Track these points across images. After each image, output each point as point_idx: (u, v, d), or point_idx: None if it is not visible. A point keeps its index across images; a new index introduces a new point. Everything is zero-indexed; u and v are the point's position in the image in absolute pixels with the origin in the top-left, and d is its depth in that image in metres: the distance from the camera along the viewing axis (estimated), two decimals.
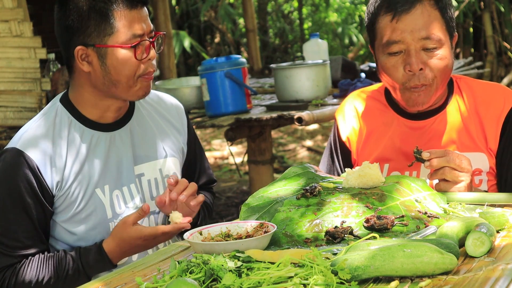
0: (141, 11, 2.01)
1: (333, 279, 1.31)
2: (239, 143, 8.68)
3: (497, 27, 10.29)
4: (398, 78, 2.05)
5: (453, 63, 2.07)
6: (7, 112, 4.26)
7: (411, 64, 2.01)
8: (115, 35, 1.98)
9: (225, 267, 1.39)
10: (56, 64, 4.44)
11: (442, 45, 2.02)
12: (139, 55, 2.00)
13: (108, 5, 1.97)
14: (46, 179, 1.99)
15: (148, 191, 2.15)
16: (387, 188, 1.78)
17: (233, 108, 3.88)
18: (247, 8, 7.57)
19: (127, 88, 2.02)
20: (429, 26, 2.00)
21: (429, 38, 2.00)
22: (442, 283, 1.31)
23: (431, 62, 2.02)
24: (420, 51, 2.01)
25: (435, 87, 2.05)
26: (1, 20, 4.21)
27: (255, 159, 4.36)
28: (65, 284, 1.99)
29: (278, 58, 12.24)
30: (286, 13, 13.41)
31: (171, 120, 2.26)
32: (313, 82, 3.93)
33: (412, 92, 2.05)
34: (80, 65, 2.01)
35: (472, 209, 1.75)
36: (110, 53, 1.99)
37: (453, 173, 1.85)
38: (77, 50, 2.00)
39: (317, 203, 1.74)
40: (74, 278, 1.99)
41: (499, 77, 10.22)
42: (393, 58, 2.04)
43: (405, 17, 2.00)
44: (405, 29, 2.00)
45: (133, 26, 1.99)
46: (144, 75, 2.02)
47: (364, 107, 2.24)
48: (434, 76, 2.03)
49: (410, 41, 2.01)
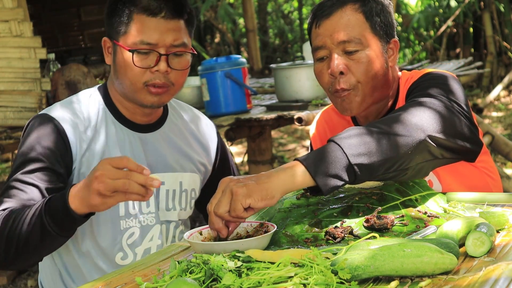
0: (164, 21, 1.98)
1: (333, 279, 1.31)
2: (239, 143, 8.68)
3: (497, 27, 10.29)
4: (324, 83, 2.05)
5: (388, 68, 2.04)
6: (7, 112, 4.26)
7: (331, 67, 2.00)
8: (126, 36, 1.99)
9: (225, 267, 1.39)
10: (56, 64, 4.44)
11: (364, 47, 1.99)
12: (141, 63, 1.98)
13: (130, 6, 1.99)
14: (72, 147, 1.99)
15: (165, 200, 2.14)
16: (387, 188, 1.78)
17: (233, 108, 3.89)
18: (247, 8, 7.58)
19: (133, 92, 2.03)
20: (347, 29, 1.99)
21: (348, 41, 1.98)
22: (442, 283, 1.31)
23: (353, 66, 1.99)
24: (342, 55, 2.00)
25: (362, 92, 2.01)
26: (1, 20, 4.21)
27: (255, 159, 4.37)
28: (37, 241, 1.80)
29: (278, 58, 12.25)
30: (286, 13, 13.41)
31: (200, 139, 2.26)
32: (313, 82, 3.93)
33: (337, 98, 2.04)
34: (105, 55, 2.07)
35: (472, 209, 1.75)
36: (119, 51, 2.01)
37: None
38: (104, 40, 2.06)
39: (317, 203, 1.75)
40: (38, 225, 1.77)
41: (499, 77, 10.22)
42: (320, 63, 2.05)
43: (325, 22, 2.01)
44: (325, 33, 2.01)
45: (146, 32, 1.97)
46: (150, 85, 2.00)
47: (332, 123, 2.26)
48: (357, 81, 2.00)
49: (330, 45, 2.00)
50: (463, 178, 2.03)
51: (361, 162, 1.60)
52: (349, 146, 1.61)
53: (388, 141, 1.65)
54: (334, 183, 1.59)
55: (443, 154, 1.79)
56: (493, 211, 1.65)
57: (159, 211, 2.12)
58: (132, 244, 2.08)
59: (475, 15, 10.43)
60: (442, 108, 1.79)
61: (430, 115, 1.76)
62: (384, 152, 1.64)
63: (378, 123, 1.70)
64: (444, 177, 2.02)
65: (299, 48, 12.31)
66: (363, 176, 1.63)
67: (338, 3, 2.02)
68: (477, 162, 2.00)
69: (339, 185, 1.60)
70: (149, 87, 2.00)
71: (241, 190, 1.54)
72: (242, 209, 1.54)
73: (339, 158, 1.59)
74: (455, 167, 1.98)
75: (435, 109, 1.78)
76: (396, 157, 1.66)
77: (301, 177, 1.58)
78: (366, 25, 2.00)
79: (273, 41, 13.01)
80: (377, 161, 1.63)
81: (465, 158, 1.92)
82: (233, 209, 1.54)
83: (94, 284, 1.53)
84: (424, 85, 1.94)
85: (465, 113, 1.86)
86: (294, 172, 1.59)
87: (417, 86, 1.96)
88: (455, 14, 10.16)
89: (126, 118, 2.10)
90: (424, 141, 1.71)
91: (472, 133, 1.86)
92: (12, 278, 4.80)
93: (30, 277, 4.80)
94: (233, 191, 1.54)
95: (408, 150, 1.67)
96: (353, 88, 2.00)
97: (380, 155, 1.63)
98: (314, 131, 2.32)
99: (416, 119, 1.72)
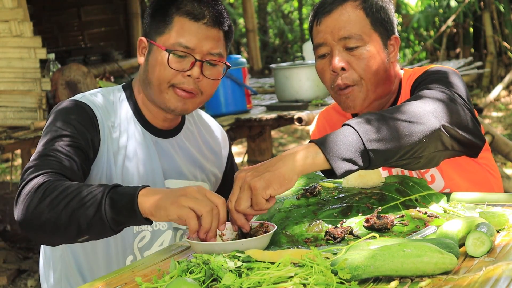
0: (205, 27, 1.97)
1: (333, 279, 1.31)
2: (239, 143, 8.68)
3: (497, 27, 10.29)
4: (326, 80, 2.06)
5: (389, 64, 2.05)
6: (7, 112, 4.26)
7: (332, 63, 2.01)
8: (165, 36, 1.98)
9: (225, 267, 1.39)
10: (56, 64, 4.44)
11: (365, 43, 2.00)
12: (175, 65, 1.96)
13: (173, 8, 1.98)
14: (100, 133, 1.99)
15: None
16: (387, 188, 1.78)
17: (233, 108, 3.89)
18: (247, 8, 7.58)
19: (158, 92, 2.01)
20: (349, 26, 2.00)
21: (349, 37, 2.00)
22: (442, 283, 1.31)
23: (354, 62, 2.01)
24: (343, 51, 2.01)
25: (365, 89, 2.02)
26: (1, 20, 4.21)
27: (255, 159, 4.37)
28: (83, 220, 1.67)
29: (278, 58, 12.25)
30: (286, 13, 13.41)
31: (213, 147, 2.26)
32: (313, 82, 3.93)
33: (340, 96, 2.04)
34: (138, 55, 2.07)
35: (472, 208, 1.75)
36: (154, 50, 2.00)
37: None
38: (140, 39, 2.05)
39: (317, 203, 1.75)
40: (94, 216, 1.66)
41: (499, 77, 10.22)
42: (322, 61, 2.06)
43: (325, 19, 2.03)
44: (326, 30, 2.03)
45: (185, 35, 1.97)
46: (177, 88, 1.99)
47: (332, 122, 2.27)
48: (359, 77, 2.01)
49: (331, 42, 2.02)
50: (465, 173, 2.03)
51: (376, 148, 1.61)
52: (365, 131, 1.62)
53: (403, 128, 1.66)
54: (348, 167, 1.60)
55: (453, 145, 1.80)
56: (493, 211, 1.65)
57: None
58: (142, 248, 2.07)
59: (475, 15, 10.43)
60: (449, 100, 1.80)
61: (440, 105, 1.76)
62: (399, 139, 1.64)
63: (392, 110, 1.71)
64: (446, 172, 2.02)
65: (299, 48, 12.31)
66: (377, 162, 1.63)
67: (339, 0, 2.03)
68: (479, 159, 2.00)
69: (353, 169, 1.61)
70: (176, 89, 1.99)
71: (259, 183, 1.55)
72: (264, 202, 1.57)
73: (355, 142, 1.61)
74: (458, 162, 1.98)
75: (443, 101, 1.78)
76: (411, 144, 1.66)
77: (316, 159, 1.60)
78: (367, 22, 2.01)
79: (273, 41, 13.01)
80: (392, 148, 1.63)
81: (469, 153, 1.92)
82: (256, 204, 1.57)
83: (94, 284, 1.53)
84: (429, 79, 1.94)
85: (468, 106, 1.87)
86: (309, 154, 1.60)
87: (422, 80, 1.97)
88: (455, 14, 10.16)
89: (147, 120, 2.09)
90: (439, 129, 1.71)
91: (475, 127, 1.87)
92: (12, 278, 4.80)
93: (30, 277, 4.80)
94: (252, 186, 1.57)
95: (422, 138, 1.68)
96: (356, 84, 2.01)
97: (395, 142, 1.64)
98: (314, 128, 2.33)
99: (429, 107, 1.73)
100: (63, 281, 2.10)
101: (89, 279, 2.06)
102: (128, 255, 2.06)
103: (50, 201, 1.69)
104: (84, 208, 1.66)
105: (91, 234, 1.71)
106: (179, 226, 2.13)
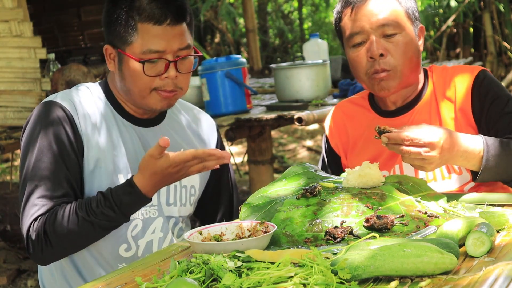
0: (170, 28, 1.99)
1: (333, 279, 1.31)
2: (239, 143, 8.68)
3: (497, 27, 10.29)
4: (362, 67, 2.10)
5: (419, 52, 2.11)
6: (7, 112, 4.26)
7: (371, 50, 2.06)
8: (132, 45, 1.99)
9: (225, 267, 1.39)
10: (56, 64, 4.44)
11: (402, 30, 2.07)
12: (151, 71, 1.99)
13: (134, 16, 1.98)
14: (79, 128, 2.01)
15: (166, 194, 2.14)
16: (387, 188, 1.78)
17: (233, 108, 3.89)
18: (247, 8, 7.57)
19: (141, 98, 2.04)
20: (385, 13, 2.06)
21: (386, 25, 2.06)
22: (442, 283, 1.31)
23: (392, 48, 2.06)
24: (381, 38, 2.07)
25: (400, 74, 2.07)
26: (1, 20, 4.21)
27: (255, 159, 4.37)
28: (102, 226, 1.94)
29: (278, 58, 12.24)
30: (286, 13, 13.41)
31: (201, 135, 2.27)
32: (313, 82, 3.93)
33: (375, 79, 2.08)
34: (107, 62, 2.07)
35: (472, 209, 1.75)
36: (126, 61, 2.02)
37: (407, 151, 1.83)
38: (105, 47, 2.06)
39: (317, 203, 1.75)
40: (110, 217, 1.92)
41: (499, 77, 10.22)
42: (357, 49, 2.10)
43: (361, 7, 2.08)
44: (362, 19, 2.07)
45: (152, 40, 1.98)
46: (160, 90, 2.02)
47: (350, 114, 2.28)
48: (396, 63, 2.06)
49: (369, 30, 2.07)
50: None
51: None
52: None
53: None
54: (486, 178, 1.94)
55: None
56: (493, 211, 1.65)
57: (161, 205, 2.13)
58: (136, 236, 2.08)
59: (475, 15, 10.42)
60: None
61: None
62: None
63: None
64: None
65: (299, 48, 12.30)
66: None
67: None
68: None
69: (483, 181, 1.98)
70: (159, 91, 2.02)
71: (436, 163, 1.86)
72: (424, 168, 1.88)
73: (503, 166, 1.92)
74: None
75: None
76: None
77: (472, 163, 1.92)
78: (401, 10, 2.08)
79: (273, 41, 13.00)
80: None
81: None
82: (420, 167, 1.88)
83: (94, 284, 1.53)
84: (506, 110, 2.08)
85: None
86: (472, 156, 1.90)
87: (497, 98, 2.08)
88: (455, 14, 10.16)
89: (127, 112, 2.11)
90: None
91: None
92: (12, 278, 4.80)
93: (30, 277, 4.80)
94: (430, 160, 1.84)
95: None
96: (392, 69, 2.06)
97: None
98: (330, 123, 2.32)
99: None
100: (60, 279, 2.10)
101: (83, 272, 2.07)
102: (122, 244, 2.07)
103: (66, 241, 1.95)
104: (98, 232, 1.97)
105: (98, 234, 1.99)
106: (171, 214, 2.14)
